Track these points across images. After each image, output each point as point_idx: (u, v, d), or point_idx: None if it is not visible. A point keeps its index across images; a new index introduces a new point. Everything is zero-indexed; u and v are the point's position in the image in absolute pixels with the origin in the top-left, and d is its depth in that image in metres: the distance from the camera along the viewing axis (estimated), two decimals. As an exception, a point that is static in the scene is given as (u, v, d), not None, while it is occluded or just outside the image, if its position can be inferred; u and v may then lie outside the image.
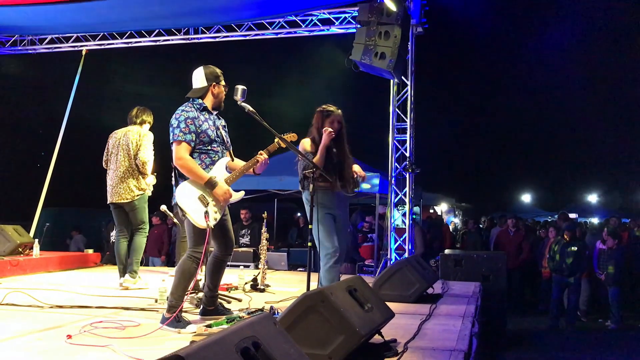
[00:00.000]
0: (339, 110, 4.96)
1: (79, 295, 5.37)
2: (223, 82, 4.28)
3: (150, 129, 6.37)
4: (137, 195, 6.09)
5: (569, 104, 38.07)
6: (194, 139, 4.02)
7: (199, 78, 4.22)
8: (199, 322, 4.10)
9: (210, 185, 3.97)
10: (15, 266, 6.86)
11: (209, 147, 4.12)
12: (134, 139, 6.12)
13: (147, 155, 6.10)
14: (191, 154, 4.03)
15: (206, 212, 3.91)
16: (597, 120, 37.04)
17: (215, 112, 4.30)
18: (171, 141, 4.03)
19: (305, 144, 4.89)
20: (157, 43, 9.66)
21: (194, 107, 4.13)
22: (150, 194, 6.26)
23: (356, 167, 4.96)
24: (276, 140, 4.42)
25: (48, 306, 4.72)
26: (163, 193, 6.06)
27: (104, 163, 6.30)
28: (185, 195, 3.95)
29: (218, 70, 4.28)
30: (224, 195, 4.02)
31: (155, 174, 6.23)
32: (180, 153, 3.96)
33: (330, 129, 4.75)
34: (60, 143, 9.57)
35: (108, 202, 6.20)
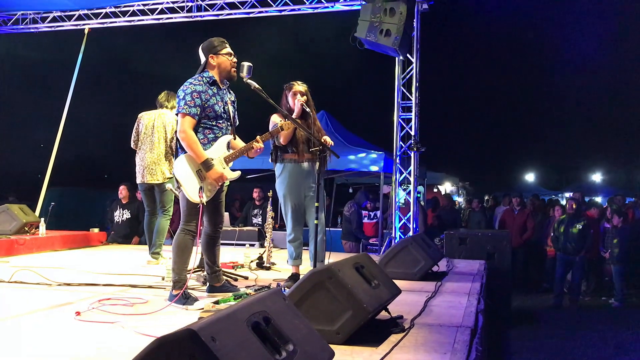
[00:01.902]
0: (303, 85, 4.88)
1: (86, 273, 5.40)
2: (225, 50, 4.17)
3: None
4: (168, 178, 6.19)
5: (572, 83, 37.85)
6: (198, 113, 4.00)
7: (200, 54, 4.20)
8: (206, 298, 4.13)
9: (205, 166, 3.95)
10: (22, 245, 6.91)
11: (214, 123, 4.09)
12: (170, 122, 6.22)
13: None
14: (196, 128, 4.02)
15: (201, 188, 3.93)
16: (601, 98, 36.84)
17: (226, 86, 4.26)
18: (176, 112, 4.04)
19: (275, 118, 4.81)
20: (160, 21, 9.59)
21: (202, 81, 4.09)
22: None
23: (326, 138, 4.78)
24: (280, 123, 4.42)
25: (56, 284, 4.75)
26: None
27: (132, 144, 6.38)
28: (183, 168, 3.96)
29: (216, 40, 4.18)
30: (217, 179, 4.01)
31: None
32: (184, 126, 3.95)
33: (300, 100, 4.74)
34: (63, 123, 9.57)
35: (138, 182, 6.30)
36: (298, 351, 1.96)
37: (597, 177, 32.91)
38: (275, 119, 4.79)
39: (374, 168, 10.44)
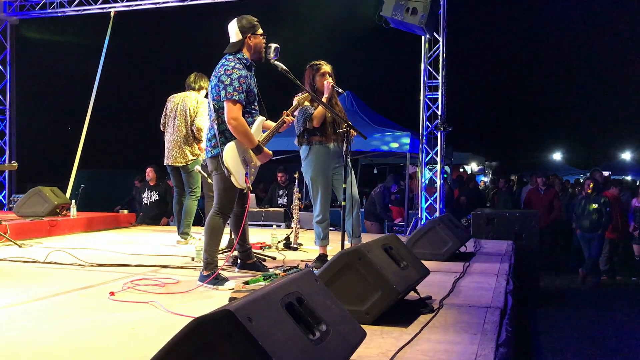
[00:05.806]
0: (328, 65, 4.86)
1: (117, 254, 5.51)
2: (260, 31, 4.13)
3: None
4: (191, 160, 6.25)
5: (601, 59, 36.99)
6: (244, 98, 3.97)
7: (233, 32, 4.09)
8: (236, 277, 4.19)
9: (258, 149, 4.01)
10: (54, 226, 7.06)
11: (252, 107, 4.10)
12: (191, 105, 6.24)
13: (204, 123, 6.19)
14: None
15: (246, 174, 3.99)
16: (630, 75, 35.96)
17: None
18: (223, 99, 3.91)
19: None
20: (185, 3, 9.60)
21: (242, 64, 4.03)
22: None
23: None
24: (298, 98, 4.47)
25: (89, 264, 4.86)
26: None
27: (161, 126, 6.46)
28: (233, 156, 3.97)
29: (253, 20, 4.11)
30: (266, 158, 4.11)
31: None
32: (235, 113, 3.88)
33: (330, 81, 4.73)
34: (92, 106, 9.69)
35: (165, 164, 6.41)
36: (331, 331, 1.98)
37: (626, 156, 32.28)
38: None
39: (400, 148, 10.38)
